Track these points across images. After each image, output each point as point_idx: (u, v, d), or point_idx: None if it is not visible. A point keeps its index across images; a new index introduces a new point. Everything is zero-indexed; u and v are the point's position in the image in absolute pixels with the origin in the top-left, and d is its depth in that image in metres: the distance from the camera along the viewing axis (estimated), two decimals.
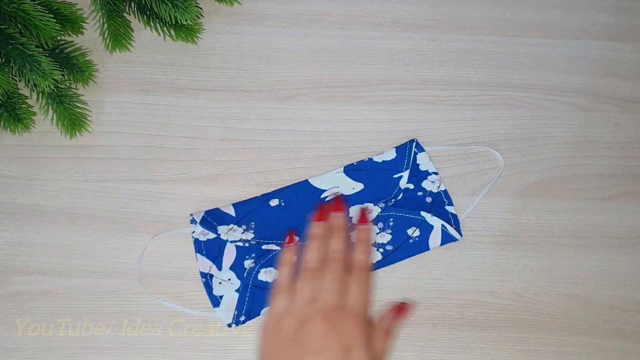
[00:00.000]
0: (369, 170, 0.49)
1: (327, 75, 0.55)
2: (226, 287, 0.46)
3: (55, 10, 0.52)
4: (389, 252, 0.47)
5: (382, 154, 0.50)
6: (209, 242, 0.47)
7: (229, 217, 0.48)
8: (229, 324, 0.45)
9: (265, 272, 0.46)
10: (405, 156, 0.50)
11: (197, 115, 0.53)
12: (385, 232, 0.48)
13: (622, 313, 0.47)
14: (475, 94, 0.55)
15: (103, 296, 0.46)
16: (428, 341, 0.46)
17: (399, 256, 0.47)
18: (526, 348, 0.46)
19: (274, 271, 0.46)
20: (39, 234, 0.48)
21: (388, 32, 0.58)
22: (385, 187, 0.49)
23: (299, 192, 0.49)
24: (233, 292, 0.46)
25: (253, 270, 0.46)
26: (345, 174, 0.48)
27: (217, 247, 0.47)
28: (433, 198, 0.49)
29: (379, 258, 0.47)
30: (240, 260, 0.47)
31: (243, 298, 0.46)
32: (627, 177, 0.52)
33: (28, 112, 0.51)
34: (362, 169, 0.49)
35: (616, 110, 0.55)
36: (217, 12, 0.58)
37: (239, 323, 0.45)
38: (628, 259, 0.49)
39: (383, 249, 0.47)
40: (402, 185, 0.49)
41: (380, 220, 0.48)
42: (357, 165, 0.49)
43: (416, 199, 0.49)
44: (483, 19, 0.59)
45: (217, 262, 0.47)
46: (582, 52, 0.57)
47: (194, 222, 0.48)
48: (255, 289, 0.46)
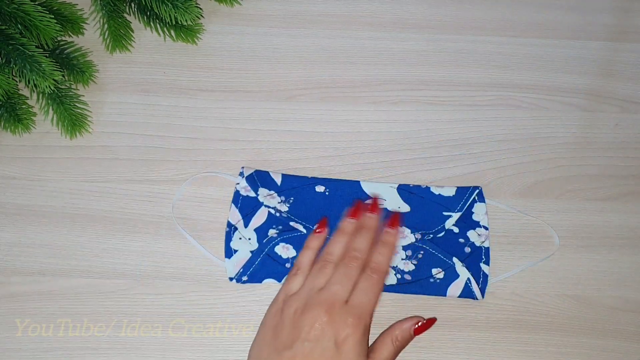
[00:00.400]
0: (422, 198, 0.47)
1: (328, 76, 0.55)
2: (243, 244, 0.47)
3: (55, 10, 0.52)
4: (405, 281, 0.46)
5: (442, 188, 0.48)
6: (247, 198, 0.49)
7: (274, 184, 0.49)
8: (230, 278, 0.46)
9: (283, 246, 0.47)
10: (463, 199, 0.49)
11: (198, 115, 0.53)
12: (410, 261, 0.47)
13: (623, 314, 0.47)
14: (475, 95, 0.55)
15: (103, 296, 0.46)
16: (428, 342, 0.46)
17: (413, 289, 0.46)
18: (526, 349, 0.46)
19: (290, 248, 0.47)
20: (39, 234, 0.48)
21: (388, 33, 0.58)
22: (430, 220, 0.48)
23: (347, 189, 0.49)
24: (247, 252, 0.47)
25: (273, 239, 0.47)
26: (397, 191, 0.47)
27: (252, 206, 0.48)
28: (472, 250, 0.47)
29: (393, 282, 0.46)
30: (267, 227, 0.48)
31: (253, 260, 0.46)
32: (628, 178, 0.52)
33: (28, 113, 0.51)
34: (416, 194, 0.48)
35: (617, 111, 0.55)
36: (217, 12, 0.58)
37: (240, 281, 0.46)
38: (629, 259, 0.49)
39: (401, 275, 0.47)
40: (447, 225, 0.48)
41: (411, 248, 0.47)
42: (412, 188, 0.48)
43: (455, 244, 0.48)
44: (483, 20, 0.59)
45: (246, 219, 0.48)
46: (582, 52, 0.58)
47: (241, 175, 0.49)
48: (267, 258, 0.47)
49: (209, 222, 0.49)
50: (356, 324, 0.38)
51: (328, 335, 0.37)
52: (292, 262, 0.46)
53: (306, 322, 0.38)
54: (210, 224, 0.49)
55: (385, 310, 0.46)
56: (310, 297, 0.39)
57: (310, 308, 0.38)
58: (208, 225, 0.49)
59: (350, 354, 0.37)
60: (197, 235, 0.48)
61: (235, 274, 0.46)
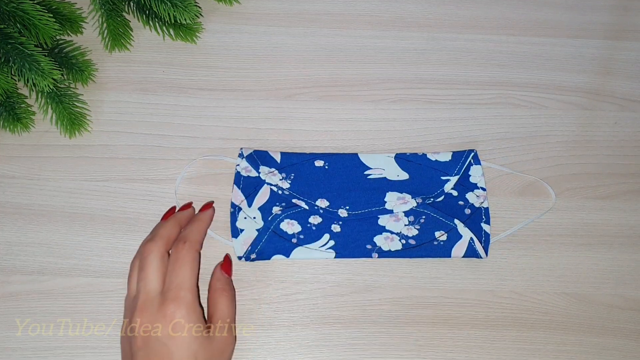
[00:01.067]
0: (419, 165, 0.49)
1: (327, 74, 0.55)
2: (249, 224, 0.48)
3: (54, 9, 0.52)
4: (409, 246, 0.47)
5: (438, 153, 0.49)
6: (249, 178, 0.49)
7: (274, 162, 0.50)
8: (239, 257, 0.47)
9: (287, 222, 0.48)
10: (459, 163, 0.49)
11: (197, 114, 0.53)
12: (413, 226, 0.48)
13: (622, 312, 0.47)
14: (475, 93, 0.55)
15: (103, 296, 0.46)
16: (427, 340, 0.46)
17: (419, 253, 0.47)
18: (526, 347, 0.46)
19: (295, 224, 0.48)
20: (39, 233, 0.48)
21: (387, 31, 0.58)
22: (429, 185, 0.49)
23: (346, 162, 0.50)
24: (253, 230, 0.47)
25: (278, 217, 0.48)
26: (394, 160, 0.48)
27: (254, 185, 0.49)
28: (472, 211, 0.48)
29: (398, 247, 0.47)
30: (270, 205, 0.48)
31: (260, 238, 0.47)
32: (627, 176, 0.52)
33: (27, 112, 0.51)
34: (413, 161, 0.49)
35: (616, 109, 0.55)
36: (216, 11, 0.58)
37: (249, 259, 0.47)
38: (628, 257, 0.49)
39: (405, 240, 0.47)
40: (446, 188, 0.49)
41: (412, 214, 0.48)
42: (408, 156, 0.49)
43: (455, 206, 0.49)
44: (483, 18, 0.59)
45: (249, 199, 0.48)
46: (581, 50, 0.58)
47: (241, 156, 0.50)
48: (273, 235, 0.47)
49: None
50: (174, 307, 0.38)
51: (155, 336, 0.38)
52: (297, 237, 0.47)
53: (134, 335, 0.39)
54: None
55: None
56: (130, 307, 0.40)
57: (131, 320, 0.39)
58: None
59: (185, 337, 0.38)
60: None
61: (244, 253, 0.47)
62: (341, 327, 0.46)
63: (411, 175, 0.49)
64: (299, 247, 0.47)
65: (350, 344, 0.46)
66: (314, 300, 0.47)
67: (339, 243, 0.47)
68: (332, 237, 0.48)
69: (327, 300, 0.47)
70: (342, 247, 0.47)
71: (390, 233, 0.48)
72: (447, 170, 0.49)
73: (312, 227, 0.48)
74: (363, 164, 0.49)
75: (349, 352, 0.45)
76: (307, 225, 0.48)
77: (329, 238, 0.47)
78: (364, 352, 0.45)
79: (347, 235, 0.48)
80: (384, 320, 0.46)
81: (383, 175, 0.49)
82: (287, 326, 0.46)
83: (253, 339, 0.45)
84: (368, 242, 0.47)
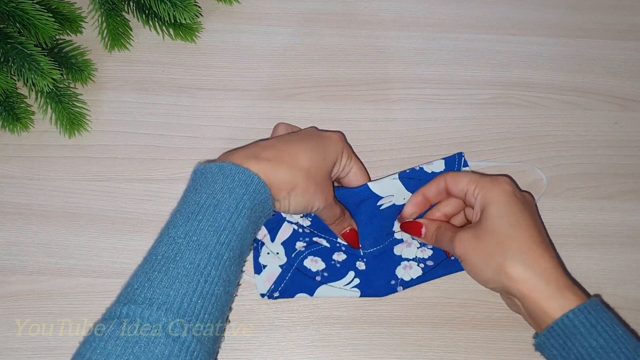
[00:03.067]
0: (420, 181, 0.47)
1: (327, 74, 0.55)
2: (272, 259, 0.47)
3: (54, 9, 0.52)
4: (429, 268, 0.47)
5: (432, 164, 0.48)
6: None
7: None
8: (262, 294, 0.46)
9: (311, 259, 0.47)
10: (453, 168, 0.49)
11: (197, 114, 0.53)
12: (426, 247, 0.47)
13: (622, 312, 0.47)
14: (475, 93, 0.55)
15: (103, 296, 0.46)
16: (428, 340, 0.46)
17: (439, 273, 0.47)
18: (526, 347, 0.46)
19: (319, 261, 0.47)
20: (38, 233, 0.48)
21: (387, 31, 0.58)
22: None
23: (358, 196, 0.47)
24: (277, 267, 0.46)
25: (301, 253, 0.47)
26: (400, 182, 0.47)
27: (276, 221, 0.47)
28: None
29: (419, 274, 0.47)
30: (293, 240, 0.47)
31: (284, 276, 0.46)
32: (627, 176, 0.52)
33: (27, 112, 0.51)
34: (414, 178, 0.48)
35: (616, 109, 0.55)
36: (216, 11, 0.58)
37: (272, 297, 0.46)
38: (628, 257, 0.49)
39: (424, 264, 0.47)
40: None
41: None
42: (410, 174, 0.47)
43: None
44: (483, 18, 0.59)
45: (272, 234, 0.47)
46: (581, 50, 0.57)
47: None
48: (297, 272, 0.46)
49: None
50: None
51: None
52: (321, 274, 0.46)
53: None
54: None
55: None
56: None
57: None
58: None
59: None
60: None
61: (267, 291, 0.46)
62: (341, 327, 0.46)
63: None
64: (323, 285, 0.46)
65: (350, 344, 0.46)
66: (314, 300, 0.47)
67: (363, 281, 0.46)
68: (357, 275, 0.47)
69: (327, 300, 0.47)
70: (366, 286, 0.46)
71: (407, 261, 0.47)
72: None
73: (337, 265, 0.47)
74: (375, 195, 0.47)
75: (349, 352, 0.45)
76: (332, 263, 0.47)
77: (354, 276, 0.47)
78: (364, 353, 0.45)
79: (371, 273, 0.47)
80: (383, 321, 0.46)
81: (392, 202, 0.47)
82: (287, 326, 0.46)
83: (253, 339, 0.45)
84: (392, 278, 0.47)
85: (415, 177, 0.48)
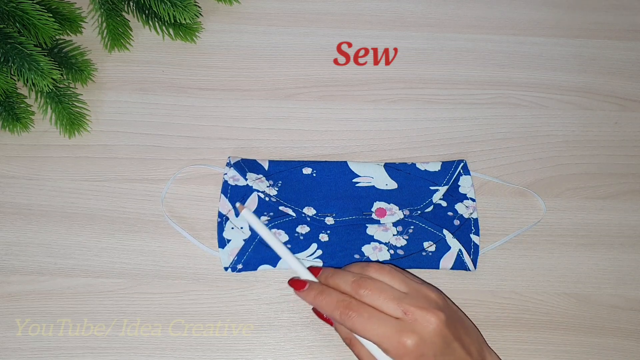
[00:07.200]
0: (408, 174, 0.48)
1: (327, 74, 0.55)
2: (236, 233, 0.47)
3: (54, 9, 0.52)
4: (398, 256, 0.47)
5: (427, 163, 0.49)
6: (236, 187, 0.49)
7: (262, 169, 0.49)
8: (225, 267, 0.46)
9: (274, 232, 0.47)
10: (448, 173, 0.49)
11: (196, 114, 0.53)
12: (401, 236, 0.47)
13: (623, 312, 0.47)
14: (475, 93, 0.55)
15: (103, 296, 0.46)
16: None
17: (407, 263, 0.47)
18: (526, 347, 0.46)
19: (282, 234, 0.47)
20: (38, 233, 0.48)
21: (387, 31, 0.58)
22: (417, 195, 0.48)
23: (334, 170, 0.49)
24: (240, 240, 0.47)
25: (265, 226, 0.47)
26: (384, 169, 0.48)
27: (241, 194, 0.48)
28: (461, 222, 0.48)
29: (387, 258, 0.47)
30: (257, 214, 0.48)
31: (246, 248, 0.47)
32: (628, 176, 0.52)
33: (27, 112, 0.51)
34: (402, 171, 0.48)
35: (616, 109, 0.55)
36: (216, 11, 0.58)
37: (235, 270, 0.46)
38: (628, 257, 0.49)
39: (394, 250, 0.47)
40: (435, 199, 0.48)
41: (401, 224, 0.48)
42: (398, 165, 0.48)
43: (444, 217, 0.48)
44: (483, 18, 0.59)
45: (236, 209, 0.48)
46: (581, 50, 0.57)
47: (229, 165, 0.49)
48: (260, 245, 0.47)
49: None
50: None
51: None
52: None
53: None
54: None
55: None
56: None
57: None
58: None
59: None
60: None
61: (230, 263, 0.46)
62: None
63: (400, 185, 0.49)
64: None
65: None
66: None
67: (326, 252, 0.47)
68: (320, 246, 0.47)
69: None
70: (329, 257, 0.47)
71: (378, 243, 0.47)
72: (436, 180, 0.49)
73: (300, 237, 0.47)
74: (352, 172, 0.48)
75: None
76: (295, 235, 0.47)
77: (317, 247, 0.47)
78: None
79: (334, 245, 0.47)
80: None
81: (372, 183, 0.48)
82: (287, 326, 0.46)
83: (253, 339, 0.45)
84: (356, 252, 0.47)
85: (403, 170, 0.48)
